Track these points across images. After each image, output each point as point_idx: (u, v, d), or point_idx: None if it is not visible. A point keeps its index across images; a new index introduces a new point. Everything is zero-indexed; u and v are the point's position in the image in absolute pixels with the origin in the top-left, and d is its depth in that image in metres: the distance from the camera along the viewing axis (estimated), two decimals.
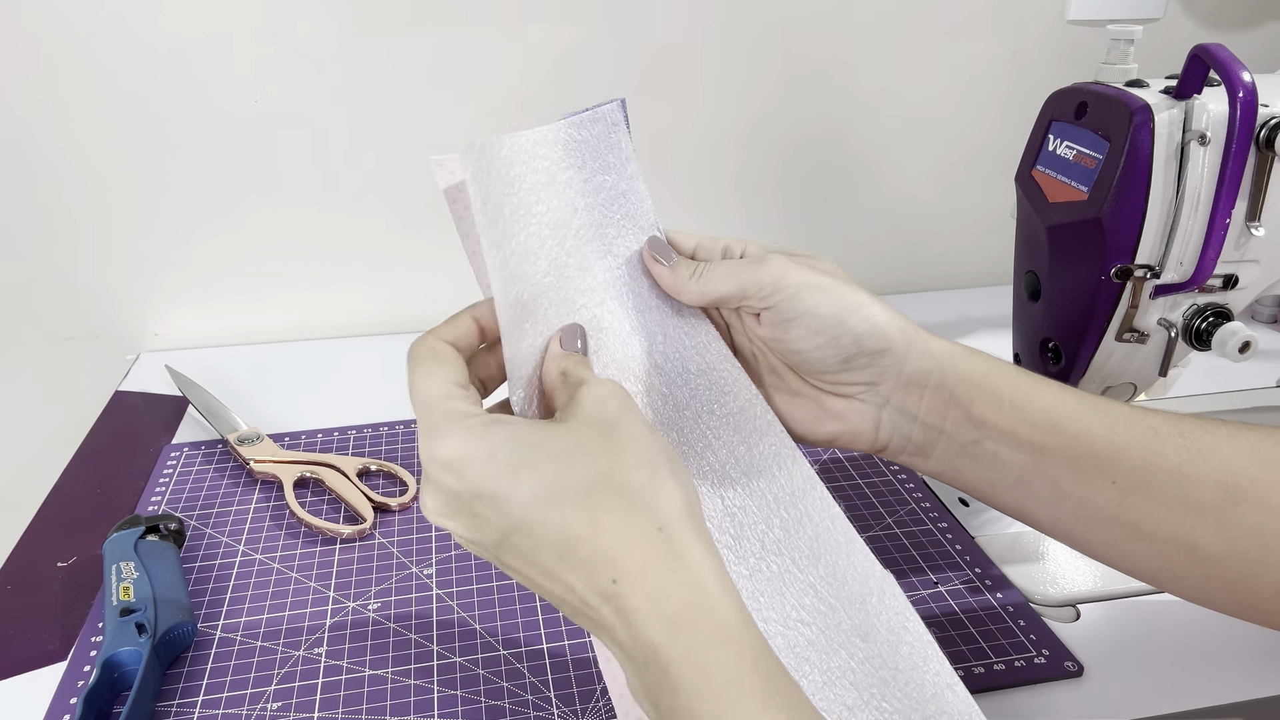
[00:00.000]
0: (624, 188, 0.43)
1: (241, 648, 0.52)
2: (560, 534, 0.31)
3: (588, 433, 0.33)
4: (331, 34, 0.81)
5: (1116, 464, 0.37)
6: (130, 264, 0.87)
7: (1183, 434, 0.37)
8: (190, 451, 0.71)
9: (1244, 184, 0.50)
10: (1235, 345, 0.53)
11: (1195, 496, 0.36)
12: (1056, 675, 0.50)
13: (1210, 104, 0.49)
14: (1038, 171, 0.56)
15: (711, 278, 0.41)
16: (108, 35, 0.78)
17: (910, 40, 0.91)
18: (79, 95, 0.79)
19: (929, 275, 1.04)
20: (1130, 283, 0.53)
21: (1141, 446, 0.37)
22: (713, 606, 0.31)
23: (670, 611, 0.30)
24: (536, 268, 0.39)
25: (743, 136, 0.92)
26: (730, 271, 0.41)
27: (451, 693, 0.49)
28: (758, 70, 0.90)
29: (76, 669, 0.51)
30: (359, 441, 0.73)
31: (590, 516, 0.31)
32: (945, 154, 0.98)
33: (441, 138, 0.86)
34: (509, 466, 0.32)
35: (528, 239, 0.38)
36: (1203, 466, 0.36)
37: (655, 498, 0.32)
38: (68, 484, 0.69)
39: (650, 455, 0.33)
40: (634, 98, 0.88)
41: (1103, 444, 0.37)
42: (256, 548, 0.61)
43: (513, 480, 0.32)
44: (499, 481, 0.32)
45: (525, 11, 0.83)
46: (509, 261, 0.38)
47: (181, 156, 0.83)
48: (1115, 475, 0.37)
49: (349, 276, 0.92)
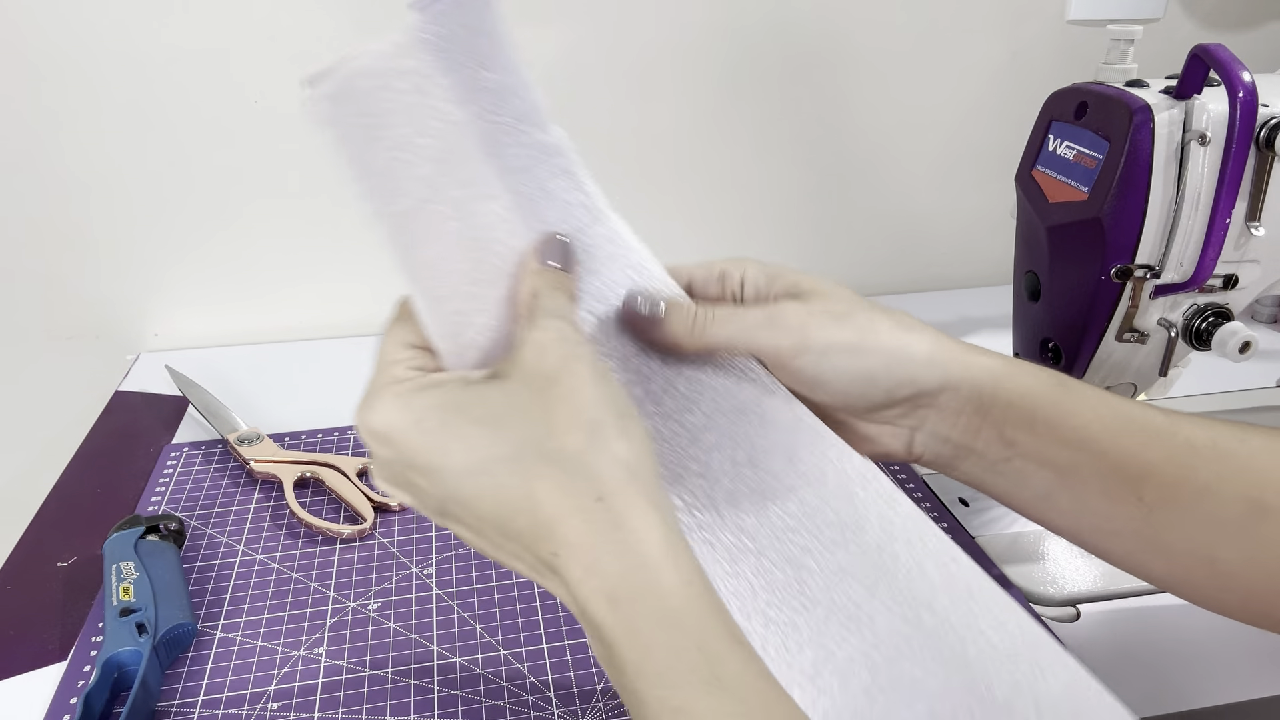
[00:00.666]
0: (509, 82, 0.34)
1: (241, 648, 0.52)
2: (495, 505, 0.30)
3: (523, 391, 0.31)
4: (332, 34, 0.81)
5: (1146, 482, 0.36)
6: (130, 264, 0.87)
7: (1215, 445, 0.36)
8: (190, 451, 0.71)
9: (1244, 184, 0.50)
10: (1235, 345, 0.53)
11: (1221, 513, 0.35)
12: None
13: (1210, 104, 0.49)
14: (1038, 171, 0.56)
15: (716, 334, 0.37)
16: (108, 39, 0.78)
17: (910, 40, 0.91)
18: (80, 98, 0.79)
19: (929, 275, 1.04)
20: (1130, 283, 0.53)
21: (1174, 463, 0.36)
22: (657, 580, 0.28)
23: (609, 586, 0.28)
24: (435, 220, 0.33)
25: (742, 136, 0.92)
26: (741, 330, 0.37)
27: (451, 693, 0.49)
28: (758, 70, 0.89)
29: (76, 669, 0.51)
30: (359, 441, 0.73)
31: (525, 486, 0.29)
32: (945, 154, 0.98)
33: None
34: (436, 434, 0.30)
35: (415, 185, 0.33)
36: (1232, 482, 0.35)
37: (594, 463, 0.29)
38: (68, 484, 0.69)
39: (592, 414, 0.30)
40: (633, 98, 0.89)
41: (1135, 462, 0.36)
42: (256, 548, 0.61)
43: (441, 450, 0.30)
44: (428, 453, 0.31)
45: (525, 11, 0.83)
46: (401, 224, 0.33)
47: (181, 158, 0.83)
48: (1143, 492, 0.36)
49: (349, 276, 0.92)
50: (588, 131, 0.90)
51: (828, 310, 0.37)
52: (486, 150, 0.34)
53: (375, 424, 0.31)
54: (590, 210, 0.37)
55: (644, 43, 0.86)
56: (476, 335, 0.34)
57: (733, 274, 0.40)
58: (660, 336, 0.37)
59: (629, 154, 0.90)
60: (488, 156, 0.34)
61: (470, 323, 0.34)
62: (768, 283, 0.39)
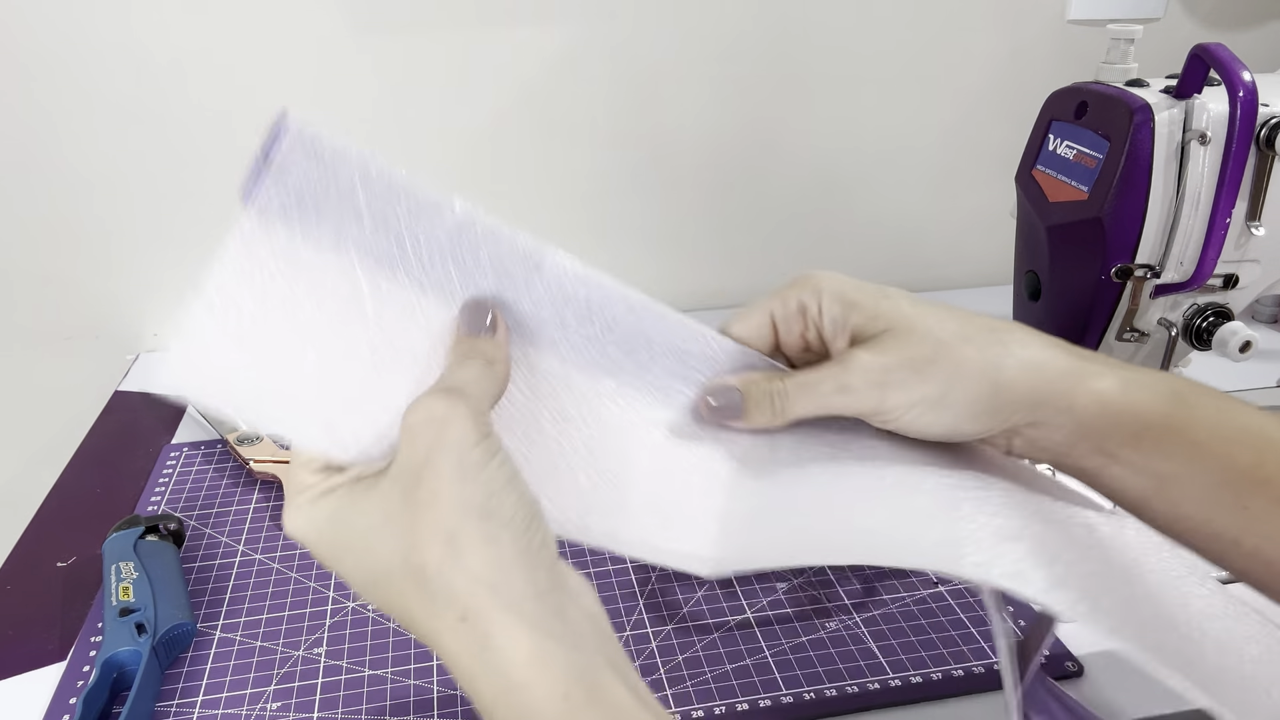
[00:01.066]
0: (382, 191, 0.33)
1: (241, 647, 0.52)
2: (392, 613, 0.30)
3: (394, 493, 0.29)
4: (331, 35, 0.81)
5: (1255, 494, 0.34)
6: (130, 264, 0.87)
7: None
8: (190, 451, 0.71)
9: (1244, 183, 0.50)
10: (1235, 345, 0.53)
11: None
12: (1057, 675, 0.50)
13: (1210, 103, 0.49)
14: (1038, 171, 0.56)
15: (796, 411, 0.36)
16: (108, 38, 0.78)
17: (910, 40, 0.91)
18: (80, 97, 0.79)
19: (929, 275, 1.04)
20: (1130, 282, 0.53)
21: None
22: (529, 700, 0.27)
23: (486, 707, 0.28)
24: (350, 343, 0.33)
25: (742, 136, 0.92)
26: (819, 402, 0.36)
27: (451, 692, 0.49)
28: (758, 70, 0.89)
29: (76, 669, 0.51)
30: None
31: (402, 605, 0.29)
32: (945, 154, 0.98)
33: (441, 138, 0.87)
34: (331, 547, 0.31)
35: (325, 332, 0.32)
36: None
37: (453, 581, 0.28)
38: (67, 484, 0.69)
39: (449, 522, 0.28)
40: (633, 99, 0.89)
41: (1246, 476, 0.34)
42: (256, 547, 0.61)
43: (337, 562, 0.31)
44: (330, 563, 0.31)
45: (525, 11, 0.83)
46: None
47: (180, 158, 0.83)
48: (1249, 503, 0.34)
49: None
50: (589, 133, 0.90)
51: (907, 359, 0.35)
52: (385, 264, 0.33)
53: (289, 531, 0.32)
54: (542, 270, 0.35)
55: (643, 44, 0.86)
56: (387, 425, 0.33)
57: (810, 305, 0.37)
58: (745, 428, 0.37)
59: (630, 154, 0.90)
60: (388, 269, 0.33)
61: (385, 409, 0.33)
62: (844, 313, 0.36)
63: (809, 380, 0.36)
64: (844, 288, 0.36)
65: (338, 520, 0.30)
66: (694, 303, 0.99)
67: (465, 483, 0.28)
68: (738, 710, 0.47)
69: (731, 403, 0.36)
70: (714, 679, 0.49)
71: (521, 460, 0.32)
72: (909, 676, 0.49)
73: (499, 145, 0.88)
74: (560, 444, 0.35)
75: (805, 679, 0.49)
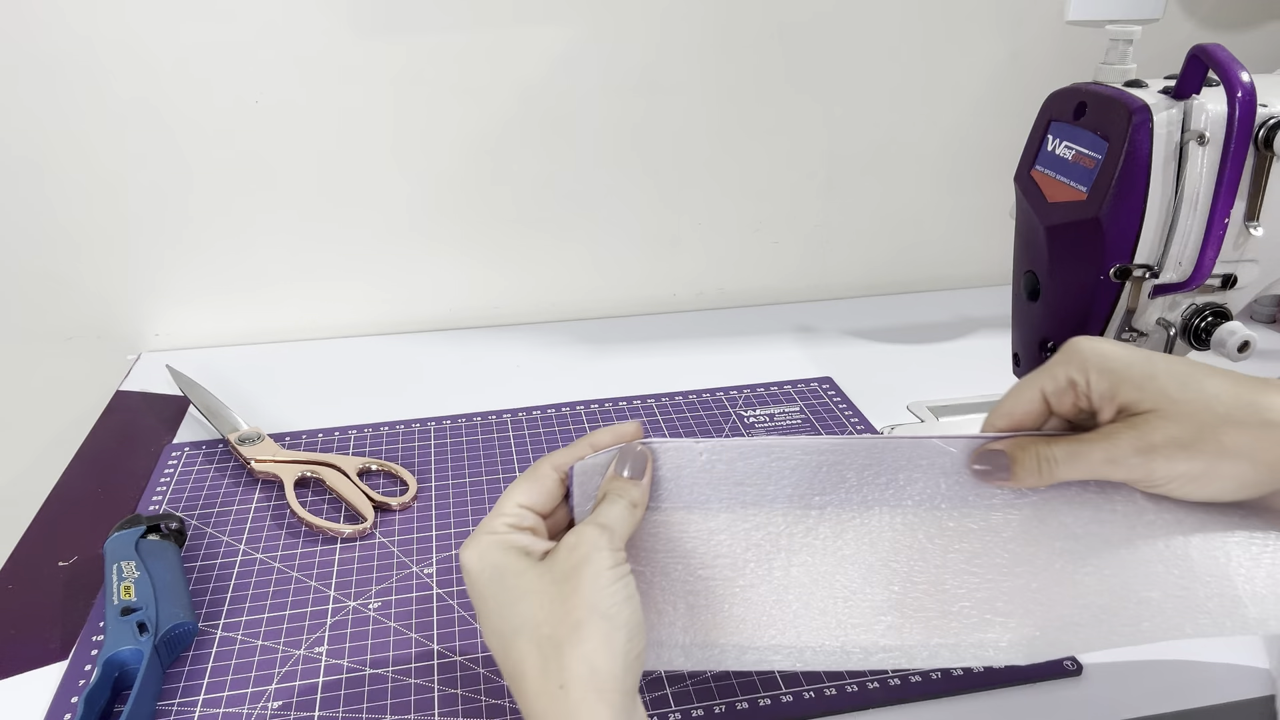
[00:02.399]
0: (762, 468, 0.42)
1: (242, 647, 0.52)
2: (503, 661, 0.37)
3: (547, 577, 0.37)
4: (331, 35, 0.81)
5: None
6: (131, 264, 0.87)
7: None
8: (191, 451, 0.71)
9: (1243, 184, 0.50)
10: (1234, 345, 0.53)
11: None
12: (1055, 674, 0.50)
13: (1209, 104, 0.49)
14: (1037, 171, 0.56)
15: (1063, 475, 0.39)
16: (109, 38, 0.78)
17: (910, 40, 0.91)
18: (80, 97, 0.80)
19: (928, 275, 1.04)
20: (1129, 282, 0.53)
21: None
22: None
23: None
24: None
25: (742, 136, 0.92)
26: (1086, 470, 0.39)
27: (451, 692, 0.49)
28: (757, 70, 0.90)
29: (77, 668, 0.51)
30: (359, 441, 0.73)
31: (517, 659, 0.36)
32: (944, 154, 0.98)
33: (441, 139, 0.87)
34: (486, 588, 0.37)
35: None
36: None
37: (567, 655, 0.34)
38: (69, 484, 0.69)
39: (579, 614, 0.35)
40: (633, 97, 0.89)
41: None
42: (257, 547, 0.61)
43: (483, 601, 0.38)
44: (478, 600, 0.38)
45: (525, 11, 0.83)
46: None
47: (182, 158, 0.84)
48: None
49: (350, 277, 0.92)
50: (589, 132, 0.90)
51: (1173, 438, 0.37)
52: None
53: (463, 559, 0.38)
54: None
55: (643, 43, 0.87)
56: None
57: (1079, 380, 0.40)
58: (1013, 486, 0.41)
59: (630, 155, 0.90)
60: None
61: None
62: (1111, 388, 0.39)
63: (1079, 450, 0.39)
64: (1110, 363, 0.39)
65: (503, 570, 0.37)
66: (694, 303, 0.99)
67: (598, 591, 0.36)
68: (737, 709, 0.48)
69: (998, 465, 0.40)
70: (714, 678, 0.49)
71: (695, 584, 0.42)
72: (909, 676, 0.50)
73: (499, 145, 0.88)
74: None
75: (805, 678, 0.49)
